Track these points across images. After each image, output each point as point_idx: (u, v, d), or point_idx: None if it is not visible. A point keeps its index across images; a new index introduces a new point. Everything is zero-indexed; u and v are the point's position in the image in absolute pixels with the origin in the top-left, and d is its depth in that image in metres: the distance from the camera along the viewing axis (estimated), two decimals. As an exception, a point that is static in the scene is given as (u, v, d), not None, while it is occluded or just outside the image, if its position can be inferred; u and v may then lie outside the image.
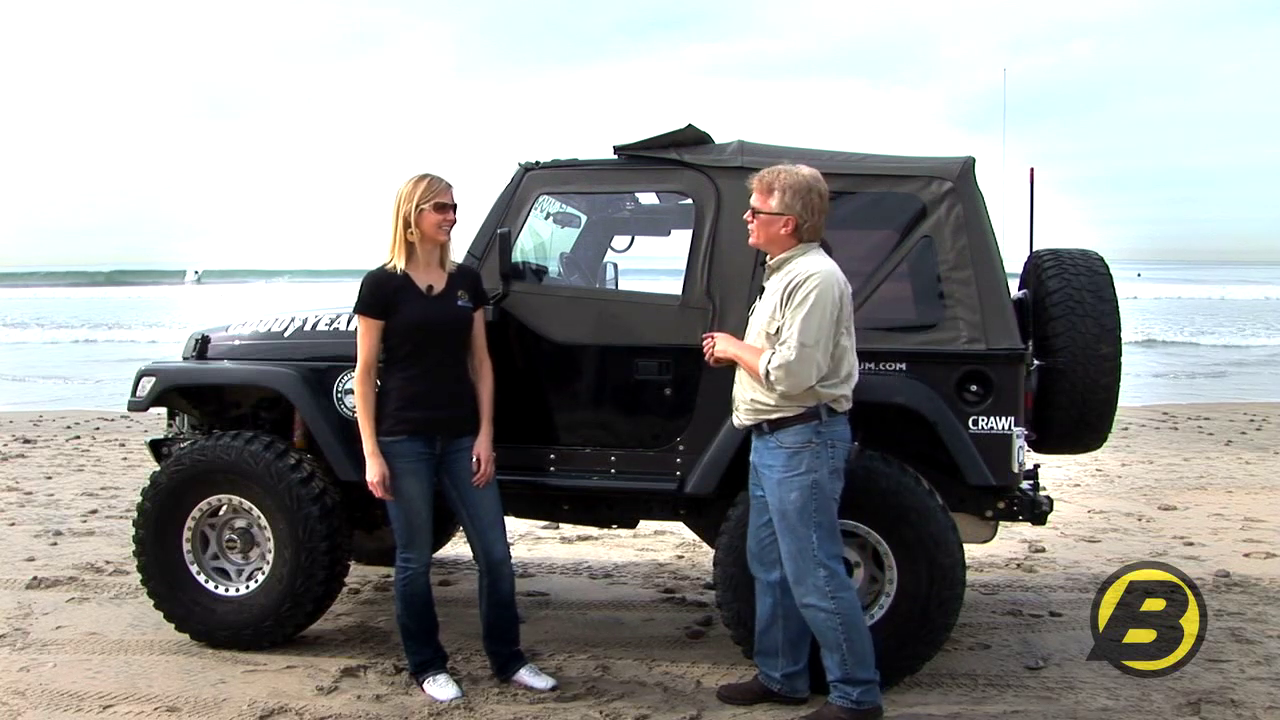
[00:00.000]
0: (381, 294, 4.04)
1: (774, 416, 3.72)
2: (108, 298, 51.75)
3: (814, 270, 3.65)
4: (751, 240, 3.85)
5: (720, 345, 3.88)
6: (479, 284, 4.23)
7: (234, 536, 4.64)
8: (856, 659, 3.75)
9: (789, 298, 3.64)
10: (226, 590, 4.66)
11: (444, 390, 4.08)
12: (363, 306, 4.06)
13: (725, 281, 4.31)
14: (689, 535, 5.84)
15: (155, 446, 5.06)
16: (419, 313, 4.02)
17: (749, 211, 3.82)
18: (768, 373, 3.64)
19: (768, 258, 3.84)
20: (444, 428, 4.09)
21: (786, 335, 3.62)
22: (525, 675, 4.24)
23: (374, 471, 4.02)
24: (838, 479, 3.77)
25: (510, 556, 4.26)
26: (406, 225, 4.03)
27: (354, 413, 4.22)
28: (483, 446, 4.14)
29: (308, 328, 4.74)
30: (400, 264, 4.05)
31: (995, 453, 4.11)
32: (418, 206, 4.01)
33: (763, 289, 3.86)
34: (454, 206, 4.08)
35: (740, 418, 3.87)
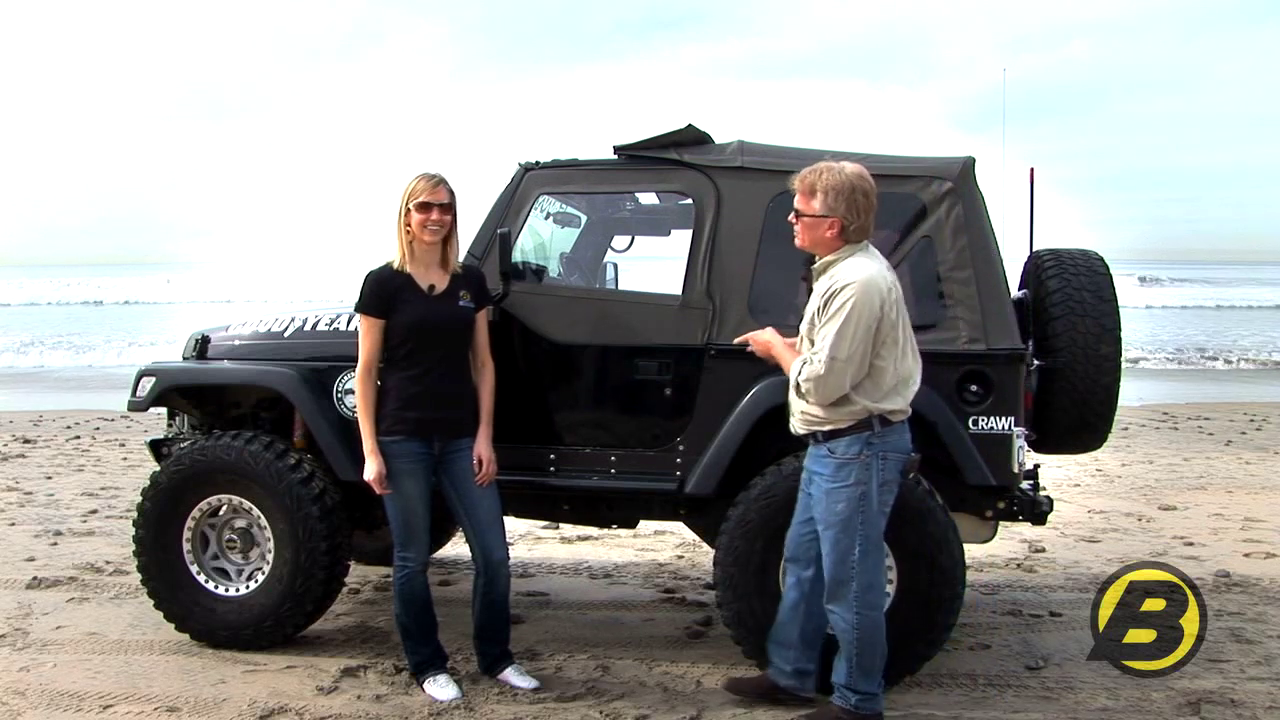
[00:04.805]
0: (382, 293, 4.03)
1: (827, 428, 3.65)
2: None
3: (853, 279, 3.52)
4: (797, 243, 3.73)
5: (765, 338, 3.80)
6: (483, 285, 4.22)
7: (234, 536, 4.64)
8: (862, 671, 3.74)
9: (825, 306, 3.55)
10: (226, 590, 4.65)
11: (443, 391, 4.07)
12: (364, 305, 4.06)
13: (725, 281, 4.31)
14: (689, 535, 5.83)
15: (155, 446, 5.05)
16: (419, 312, 4.02)
17: (792, 214, 3.72)
18: (798, 384, 3.60)
19: (815, 259, 3.72)
20: (442, 428, 4.08)
21: (819, 346, 3.54)
22: (511, 674, 4.25)
23: (371, 469, 4.03)
24: (888, 491, 3.69)
25: (509, 558, 4.26)
26: (404, 224, 4.04)
27: (354, 412, 4.22)
28: (483, 447, 4.14)
29: (308, 328, 4.73)
30: (404, 263, 4.05)
31: (995, 453, 4.11)
32: (406, 206, 4.02)
33: (811, 289, 3.75)
34: (440, 206, 4.01)
35: (795, 425, 3.78)
